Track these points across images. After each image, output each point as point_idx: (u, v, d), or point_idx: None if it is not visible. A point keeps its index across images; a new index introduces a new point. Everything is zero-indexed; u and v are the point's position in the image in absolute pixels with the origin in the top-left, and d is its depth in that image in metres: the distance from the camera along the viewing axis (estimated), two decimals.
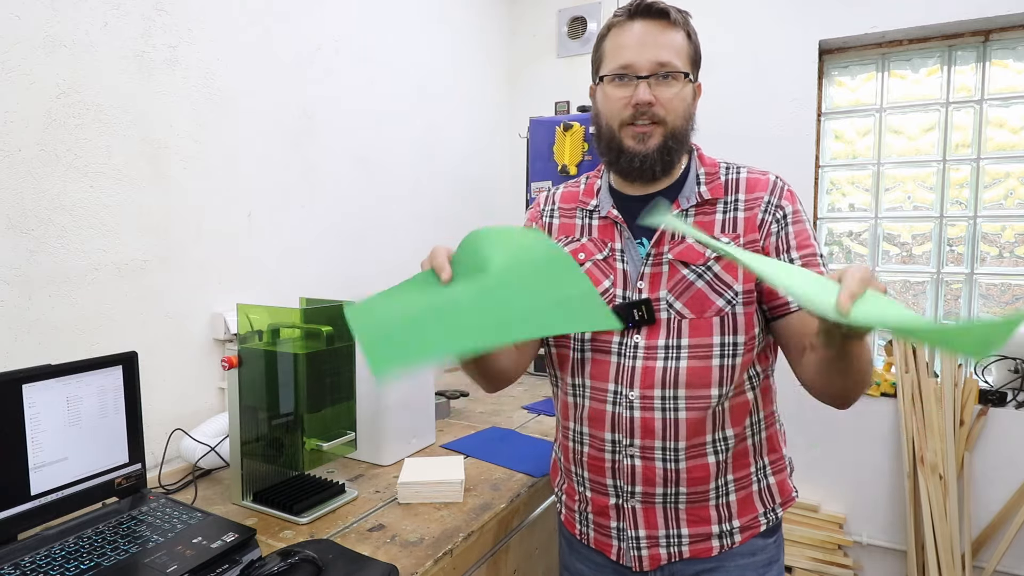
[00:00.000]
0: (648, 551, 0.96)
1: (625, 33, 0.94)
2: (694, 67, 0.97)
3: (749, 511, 0.97)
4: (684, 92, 0.94)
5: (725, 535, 0.96)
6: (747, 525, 0.97)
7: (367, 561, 0.95)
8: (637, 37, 0.93)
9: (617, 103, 0.94)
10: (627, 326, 0.94)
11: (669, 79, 0.92)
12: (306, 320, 1.18)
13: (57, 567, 0.85)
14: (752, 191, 0.96)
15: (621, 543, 0.98)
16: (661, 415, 0.92)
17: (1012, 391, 2.10)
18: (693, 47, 0.96)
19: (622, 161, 0.96)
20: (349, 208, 1.94)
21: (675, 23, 0.93)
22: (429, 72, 2.29)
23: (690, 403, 0.91)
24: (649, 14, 0.93)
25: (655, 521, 0.95)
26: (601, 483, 0.98)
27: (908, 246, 2.34)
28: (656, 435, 0.92)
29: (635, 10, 0.94)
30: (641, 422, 0.93)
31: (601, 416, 0.96)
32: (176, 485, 1.24)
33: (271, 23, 1.64)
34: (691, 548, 0.96)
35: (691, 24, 0.97)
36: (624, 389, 0.94)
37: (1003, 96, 2.16)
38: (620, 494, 0.96)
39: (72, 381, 1.00)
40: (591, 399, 0.98)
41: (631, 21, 0.94)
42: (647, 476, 0.93)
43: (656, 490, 0.94)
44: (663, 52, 0.92)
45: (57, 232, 1.20)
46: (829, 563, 2.20)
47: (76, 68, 1.22)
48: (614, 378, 0.95)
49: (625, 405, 0.94)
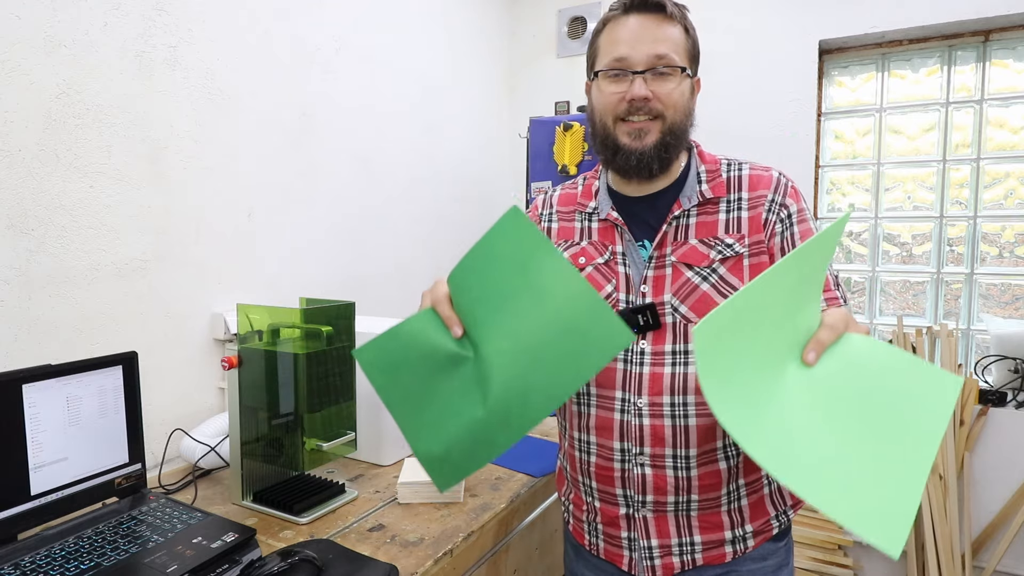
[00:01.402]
0: (661, 560, 0.93)
1: (620, 27, 0.91)
2: (692, 62, 0.94)
3: (761, 515, 0.95)
4: (682, 87, 0.91)
5: (738, 540, 0.93)
6: (759, 529, 0.95)
7: (367, 561, 0.94)
8: (632, 31, 0.90)
9: (612, 98, 0.91)
10: (632, 332, 0.93)
11: (666, 73, 0.89)
12: (306, 320, 1.18)
13: (57, 567, 0.85)
14: (755, 188, 0.93)
15: (633, 553, 0.95)
16: (671, 422, 0.90)
17: (1012, 391, 2.10)
18: (691, 41, 0.93)
19: (618, 159, 0.93)
20: (349, 208, 1.94)
21: (672, 17, 0.90)
22: (429, 72, 2.29)
23: (700, 409, 0.89)
24: (645, 8, 0.90)
25: (667, 530, 0.93)
26: (610, 493, 0.95)
27: (908, 246, 2.34)
28: (667, 443, 0.90)
29: (631, 4, 0.91)
30: (651, 430, 0.90)
31: (609, 425, 0.93)
32: (176, 485, 1.24)
33: (271, 23, 1.64)
34: (705, 555, 0.93)
35: (689, 18, 0.94)
36: (632, 396, 0.91)
37: (1003, 96, 2.16)
38: (630, 504, 0.94)
39: (72, 381, 1.00)
40: (598, 407, 0.95)
41: (626, 15, 0.91)
42: (658, 485, 0.91)
43: (668, 499, 0.91)
44: (659, 46, 0.89)
45: (57, 232, 1.20)
46: (829, 563, 2.20)
47: (76, 68, 1.22)
48: (621, 385, 0.92)
49: (634, 413, 0.91)
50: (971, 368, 2.21)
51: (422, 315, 0.81)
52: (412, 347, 0.79)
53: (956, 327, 2.25)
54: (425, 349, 0.79)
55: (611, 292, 0.94)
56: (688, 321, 0.89)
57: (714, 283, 0.89)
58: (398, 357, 0.80)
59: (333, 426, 1.20)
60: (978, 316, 2.24)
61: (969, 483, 2.11)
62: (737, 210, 0.92)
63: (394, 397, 0.81)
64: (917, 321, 2.31)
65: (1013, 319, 2.20)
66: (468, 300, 0.78)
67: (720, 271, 0.90)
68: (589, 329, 0.70)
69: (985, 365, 2.17)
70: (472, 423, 0.76)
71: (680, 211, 0.93)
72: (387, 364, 0.80)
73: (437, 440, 0.78)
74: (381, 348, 0.80)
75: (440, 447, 0.78)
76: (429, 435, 0.78)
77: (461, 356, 0.78)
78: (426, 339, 0.79)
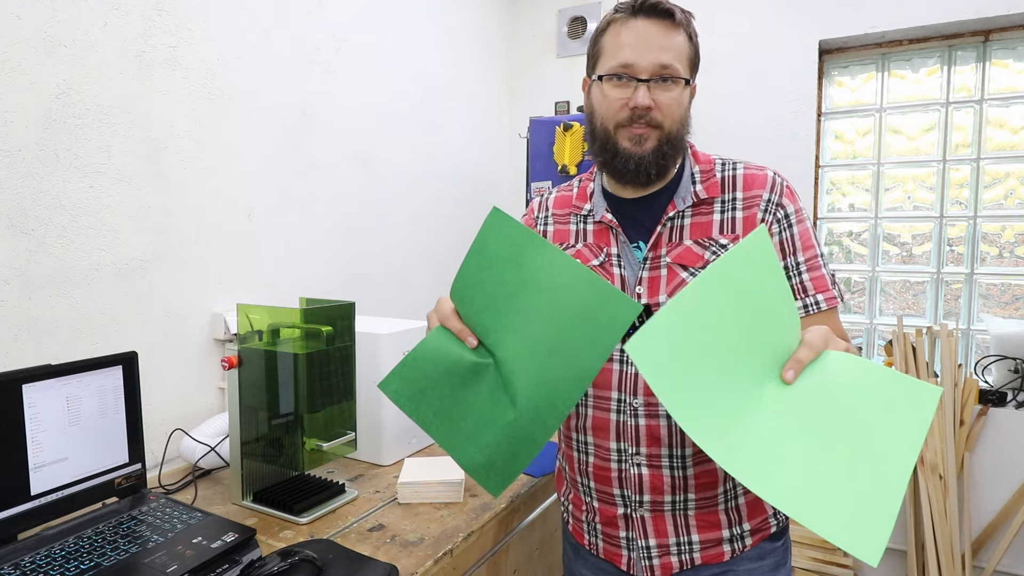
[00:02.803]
0: (659, 560, 0.94)
1: (626, 30, 0.90)
2: (693, 70, 0.94)
3: (759, 513, 0.96)
4: (682, 96, 0.91)
5: (736, 539, 0.94)
6: (757, 528, 0.95)
7: (367, 561, 0.94)
8: (639, 36, 0.88)
9: (614, 103, 0.91)
10: (628, 333, 0.93)
11: (669, 83, 0.89)
12: (306, 320, 1.18)
13: (57, 567, 0.85)
14: (750, 188, 0.93)
15: (631, 553, 0.96)
16: (667, 421, 0.90)
17: (1012, 391, 2.10)
18: (693, 49, 0.93)
19: (616, 163, 0.92)
20: (349, 208, 1.94)
21: (679, 24, 0.89)
22: (429, 72, 2.29)
23: None
24: (655, 13, 0.88)
25: (665, 529, 0.93)
26: (608, 493, 0.96)
27: (908, 246, 2.34)
28: (662, 442, 0.91)
29: (639, 7, 0.89)
30: (647, 430, 0.91)
31: (605, 425, 0.94)
32: (176, 485, 1.24)
33: (271, 23, 1.64)
34: (703, 554, 0.94)
35: (693, 25, 0.93)
36: (628, 397, 0.92)
37: (1003, 96, 2.16)
38: (628, 504, 0.94)
39: (72, 381, 1.00)
40: (595, 408, 0.96)
41: (634, 18, 0.89)
42: (655, 484, 0.92)
43: (665, 498, 0.92)
44: (665, 55, 0.88)
45: (57, 232, 1.20)
46: (829, 563, 2.20)
47: (76, 68, 1.22)
48: (617, 386, 0.93)
49: (630, 413, 0.92)
50: (971, 368, 2.21)
51: (434, 334, 0.83)
52: (433, 367, 0.81)
53: (956, 327, 2.25)
54: (446, 366, 0.81)
55: None
56: None
57: None
58: (422, 380, 0.81)
59: (333, 426, 1.20)
60: (978, 316, 2.24)
61: (969, 483, 2.11)
62: (732, 210, 0.92)
63: (428, 418, 0.82)
64: (917, 321, 2.31)
65: (1013, 319, 2.20)
66: (474, 310, 0.79)
67: None
68: (596, 309, 0.73)
69: (985, 365, 2.17)
70: (507, 426, 0.78)
71: (674, 212, 0.93)
72: (413, 390, 0.82)
73: (478, 450, 0.80)
74: (404, 376, 0.82)
75: (483, 456, 0.80)
76: (470, 447, 0.80)
77: (482, 365, 0.80)
78: (444, 356, 0.81)
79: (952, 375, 2.11)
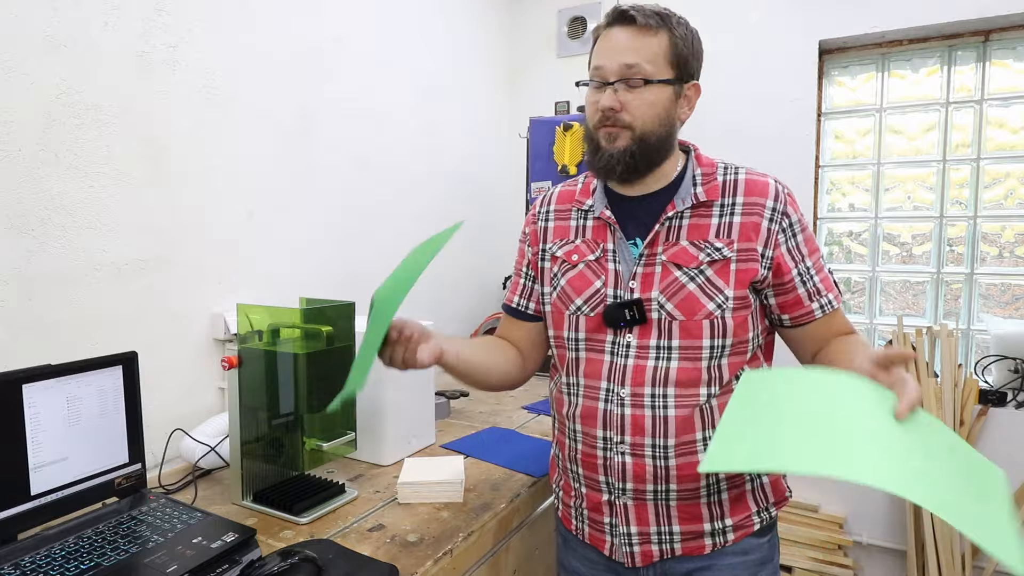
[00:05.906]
0: (640, 547, 0.97)
1: (602, 39, 0.97)
2: (677, 69, 0.95)
3: (742, 510, 0.98)
4: (656, 97, 0.93)
5: (718, 533, 0.97)
6: (740, 524, 0.98)
7: (367, 561, 0.95)
8: (609, 43, 0.95)
9: (591, 107, 0.97)
10: (619, 326, 0.96)
11: (637, 84, 0.93)
12: (306, 320, 1.18)
13: (57, 567, 0.85)
14: (751, 194, 0.95)
15: (614, 539, 0.99)
16: (651, 412, 0.94)
17: (1012, 391, 2.10)
18: (677, 49, 0.94)
19: (595, 160, 0.98)
20: (349, 207, 1.94)
21: (647, 28, 0.93)
22: (429, 72, 2.29)
23: (679, 401, 0.93)
24: (622, 20, 0.95)
25: (646, 518, 0.97)
26: (594, 479, 1.00)
27: (908, 246, 2.34)
28: (646, 432, 0.94)
29: (612, 17, 0.96)
30: (632, 419, 0.94)
31: (593, 413, 0.98)
32: (176, 485, 1.24)
33: (271, 23, 1.64)
34: (683, 546, 0.97)
35: (682, 27, 0.95)
36: (616, 387, 0.96)
37: (1003, 96, 2.16)
38: (612, 490, 0.98)
39: (72, 381, 1.00)
40: (584, 396, 0.99)
41: (609, 28, 0.96)
42: (637, 473, 0.95)
43: (647, 487, 0.95)
44: (630, 56, 0.92)
45: (57, 232, 1.20)
46: (829, 563, 2.20)
47: (76, 68, 1.22)
48: (607, 376, 0.97)
49: (616, 402, 0.95)
50: (971, 368, 2.21)
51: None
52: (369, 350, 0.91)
53: (956, 327, 2.25)
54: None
55: (600, 287, 0.98)
56: (673, 319, 0.94)
57: (700, 284, 0.93)
58: None
59: (333, 426, 1.20)
60: (978, 316, 2.24)
61: None
62: (730, 215, 0.95)
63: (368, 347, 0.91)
64: (917, 321, 2.31)
65: (1013, 319, 2.20)
66: None
67: (707, 273, 0.93)
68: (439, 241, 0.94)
69: (985, 365, 2.17)
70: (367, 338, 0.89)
71: (674, 212, 0.97)
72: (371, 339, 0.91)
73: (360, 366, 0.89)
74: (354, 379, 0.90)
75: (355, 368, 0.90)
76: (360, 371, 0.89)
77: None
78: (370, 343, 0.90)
79: (952, 375, 2.11)
